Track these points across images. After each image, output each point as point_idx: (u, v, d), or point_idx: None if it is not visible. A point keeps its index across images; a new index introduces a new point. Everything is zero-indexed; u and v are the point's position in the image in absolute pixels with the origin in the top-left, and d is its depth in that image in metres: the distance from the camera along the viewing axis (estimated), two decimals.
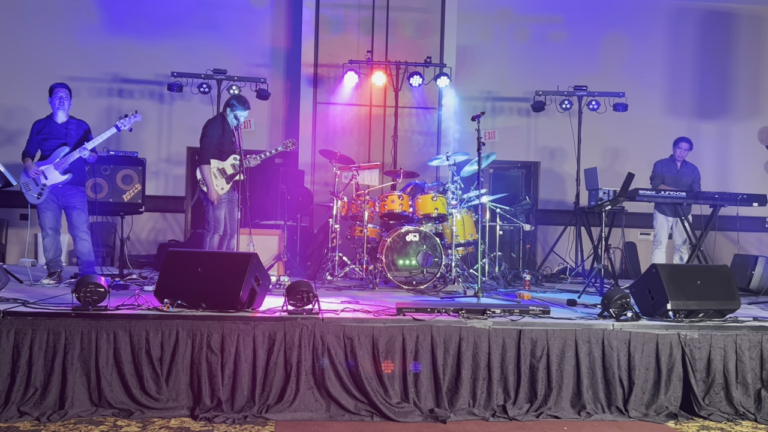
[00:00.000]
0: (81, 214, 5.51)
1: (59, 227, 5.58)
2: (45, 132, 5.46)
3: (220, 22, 8.86)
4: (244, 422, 3.64)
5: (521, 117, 9.40)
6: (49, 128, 5.47)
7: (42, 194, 5.38)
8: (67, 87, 5.55)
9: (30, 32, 8.50)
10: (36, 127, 5.51)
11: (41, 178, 5.36)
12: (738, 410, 4.06)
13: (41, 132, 5.46)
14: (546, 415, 3.91)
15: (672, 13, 9.68)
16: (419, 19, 8.78)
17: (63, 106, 5.48)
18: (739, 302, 4.50)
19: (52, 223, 5.48)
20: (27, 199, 5.44)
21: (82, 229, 5.52)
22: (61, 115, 5.50)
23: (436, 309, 4.24)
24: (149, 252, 8.48)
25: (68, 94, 5.52)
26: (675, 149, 7.18)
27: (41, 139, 5.45)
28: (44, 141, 5.44)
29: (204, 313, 3.95)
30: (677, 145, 7.17)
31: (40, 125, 5.50)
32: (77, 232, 5.51)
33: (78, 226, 5.50)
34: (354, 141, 8.57)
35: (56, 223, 5.52)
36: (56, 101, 5.47)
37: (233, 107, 5.60)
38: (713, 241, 7.30)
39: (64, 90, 5.49)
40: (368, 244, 6.44)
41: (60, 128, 5.48)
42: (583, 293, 5.74)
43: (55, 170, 5.38)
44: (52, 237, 5.51)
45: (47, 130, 5.46)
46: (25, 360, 3.70)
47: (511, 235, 8.39)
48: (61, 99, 5.46)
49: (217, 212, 5.55)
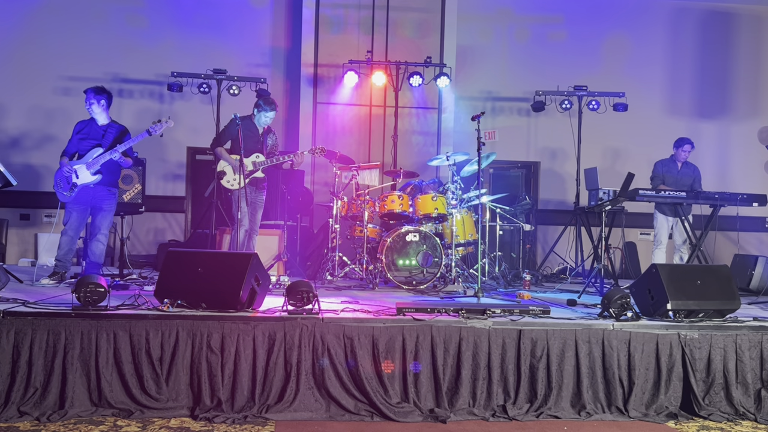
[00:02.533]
0: (106, 216, 5.55)
1: (81, 230, 5.62)
2: (84, 132, 5.54)
3: (220, 22, 8.85)
4: (244, 422, 3.64)
5: (521, 117, 9.39)
6: (89, 129, 5.55)
7: (72, 192, 5.43)
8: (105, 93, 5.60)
9: (30, 32, 8.49)
10: (77, 126, 5.60)
11: (73, 177, 5.41)
12: (738, 410, 4.06)
13: (81, 132, 5.55)
14: (546, 415, 3.91)
15: (672, 13, 9.68)
16: (419, 19, 8.78)
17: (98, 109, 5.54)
18: (739, 302, 4.50)
19: (75, 224, 5.50)
20: (58, 197, 5.49)
21: (103, 232, 5.54)
22: (102, 117, 5.57)
23: (436, 309, 4.24)
24: (149, 252, 8.48)
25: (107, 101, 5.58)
26: (677, 151, 7.15)
27: (80, 139, 5.53)
28: (82, 141, 5.52)
29: (204, 313, 3.95)
30: (680, 147, 7.13)
31: (81, 125, 5.59)
32: (97, 234, 5.53)
33: (101, 228, 5.53)
34: (354, 141, 8.57)
35: (79, 225, 5.54)
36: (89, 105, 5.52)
37: (260, 107, 5.81)
38: (713, 241, 7.29)
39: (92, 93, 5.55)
40: (368, 244, 6.44)
41: (99, 130, 5.55)
42: (583, 293, 5.74)
43: (86, 170, 5.43)
44: (69, 238, 5.52)
45: (87, 130, 5.55)
46: (25, 360, 3.69)
47: (511, 235, 8.39)
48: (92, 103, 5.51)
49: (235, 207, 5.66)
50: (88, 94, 5.58)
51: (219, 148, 5.83)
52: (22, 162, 8.27)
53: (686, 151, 7.09)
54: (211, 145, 5.93)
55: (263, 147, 5.88)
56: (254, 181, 5.83)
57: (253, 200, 5.83)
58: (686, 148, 7.09)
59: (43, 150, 8.28)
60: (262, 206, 5.96)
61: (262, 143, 5.89)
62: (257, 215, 5.91)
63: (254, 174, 5.79)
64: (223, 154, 5.80)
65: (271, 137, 6.00)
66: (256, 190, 5.87)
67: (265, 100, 5.88)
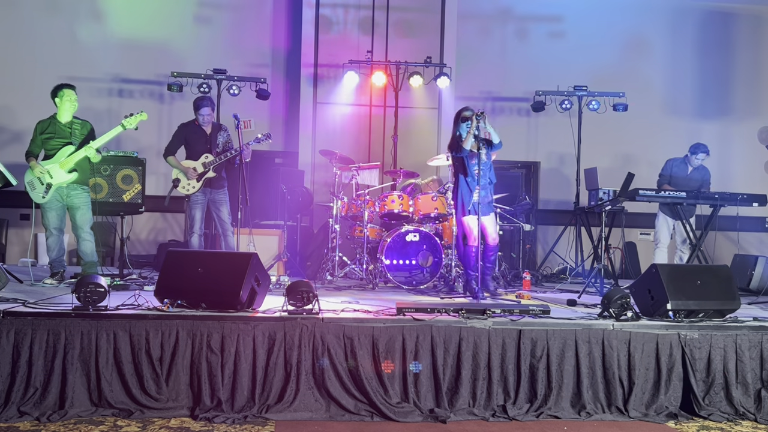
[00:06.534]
0: (85, 213, 5.52)
1: (63, 227, 5.58)
2: (49, 131, 5.47)
3: (220, 22, 8.85)
4: (244, 422, 3.64)
5: (521, 117, 9.39)
6: (54, 128, 5.48)
7: (47, 193, 5.38)
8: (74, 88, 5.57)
9: (29, 31, 8.50)
10: (39, 127, 5.52)
11: (46, 177, 5.36)
12: (738, 410, 4.06)
13: (45, 131, 5.48)
14: (546, 415, 3.91)
15: (672, 13, 9.68)
16: (419, 19, 8.78)
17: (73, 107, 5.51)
18: (739, 302, 4.50)
19: (56, 222, 5.48)
20: (32, 198, 5.43)
21: (86, 230, 5.52)
22: (67, 114, 5.51)
23: (436, 309, 4.24)
24: (149, 252, 8.48)
25: None
26: (691, 157, 6.95)
27: (45, 139, 5.47)
28: (48, 140, 5.46)
29: (204, 313, 3.95)
30: (694, 153, 6.92)
31: (43, 125, 5.52)
32: (80, 232, 5.51)
33: (81, 226, 5.51)
34: (354, 141, 8.57)
35: (60, 222, 5.52)
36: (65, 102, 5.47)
37: (196, 108, 5.92)
38: (713, 241, 7.28)
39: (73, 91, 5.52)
40: (368, 244, 6.44)
41: (65, 128, 5.49)
42: (583, 293, 5.75)
43: (60, 169, 5.38)
44: (56, 237, 5.51)
45: (51, 129, 5.48)
46: (25, 360, 3.69)
47: (511, 235, 8.38)
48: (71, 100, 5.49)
49: (192, 212, 5.82)
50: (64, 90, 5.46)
51: (170, 157, 5.91)
52: (23, 162, 8.26)
53: (700, 159, 6.95)
54: (163, 155, 5.98)
55: (213, 146, 5.89)
56: (208, 182, 5.86)
57: (212, 199, 5.90)
58: (700, 156, 6.92)
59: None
60: (225, 203, 5.96)
61: (212, 142, 5.90)
62: (222, 212, 5.93)
63: (207, 175, 5.83)
64: (173, 162, 5.88)
65: (222, 135, 5.99)
66: (212, 189, 5.90)
67: (197, 99, 5.97)
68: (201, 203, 5.83)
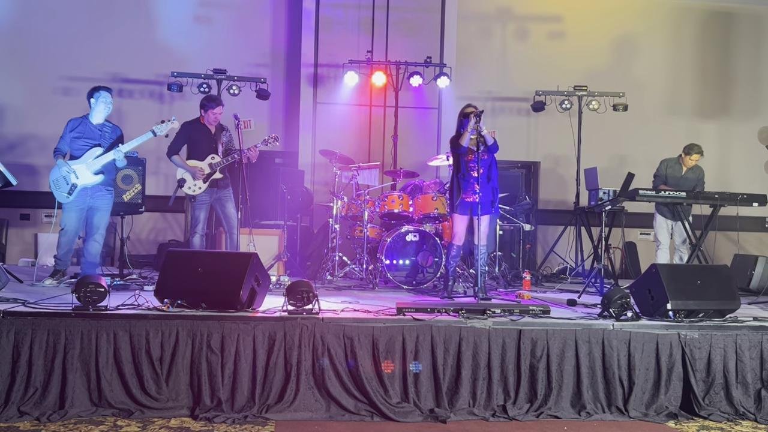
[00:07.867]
0: (104, 216, 5.50)
1: (80, 230, 5.55)
2: (78, 131, 5.42)
3: (220, 22, 8.85)
4: (244, 422, 3.64)
5: (521, 117, 9.39)
6: (83, 128, 5.43)
7: (71, 193, 5.34)
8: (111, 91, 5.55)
9: (29, 31, 8.50)
10: (70, 125, 5.45)
11: (72, 177, 5.31)
12: (738, 410, 4.06)
13: (75, 130, 5.42)
14: (546, 415, 3.91)
15: (672, 13, 9.68)
16: (419, 19, 8.78)
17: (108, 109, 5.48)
18: (739, 302, 4.50)
19: (75, 224, 5.43)
20: (55, 197, 5.38)
21: (100, 232, 5.50)
22: (99, 116, 5.47)
23: (436, 309, 4.24)
24: (149, 252, 8.48)
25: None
26: (686, 158, 6.86)
27: (74, 138, 5.40)
28: (76, 140, 5.40)
29: (204, 313, 3.95)
30: (688, 155, 6.84)
31: (74, 123, 5.45)
32: (94, 233, 5.47)
33: (98, 228, 5.48)
34: (354, 141, 8.56)
35: (78, 225, 5.47)
36: (101, 103, 5.44)
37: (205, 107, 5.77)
38: (713, 241, 7.29)
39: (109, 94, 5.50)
40: (368, 244, 6.44)
41: (95, 129, 5.45)
42: (583, 293, 5.75)
43: (87, 170, 5.35)
44: (70, 237, 5.48)
45: (81, 129, 5.42)
46: (25, 360, 3.70)
47: (511, 235, 8.39)
48: (106, 102, 5.46)
49: (196, 212, 5.73)
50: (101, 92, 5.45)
51: (175, 156, 5.74)
52: (23, 162, 8.27)
53: (694, 160, 6.93)
54: (167, 154, 5.79)
55: (218, 146, 5.82)
56: (214, 182, 5.78)
57: (218, 198, 5.80)
58: (694, 157, 6.85)
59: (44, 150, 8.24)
60: (230, 199, 5.86)
61: (216, 142, 5.83)
62: (228, 208, 5.83)
63: (213, 176, 5.74)
64: (178, 161, 5.74)
65: (225, 134, 5.93)
66: (218, 189, 5.80)
67: (207, 98, 5.83)
68: (206, 204, 5.76)
